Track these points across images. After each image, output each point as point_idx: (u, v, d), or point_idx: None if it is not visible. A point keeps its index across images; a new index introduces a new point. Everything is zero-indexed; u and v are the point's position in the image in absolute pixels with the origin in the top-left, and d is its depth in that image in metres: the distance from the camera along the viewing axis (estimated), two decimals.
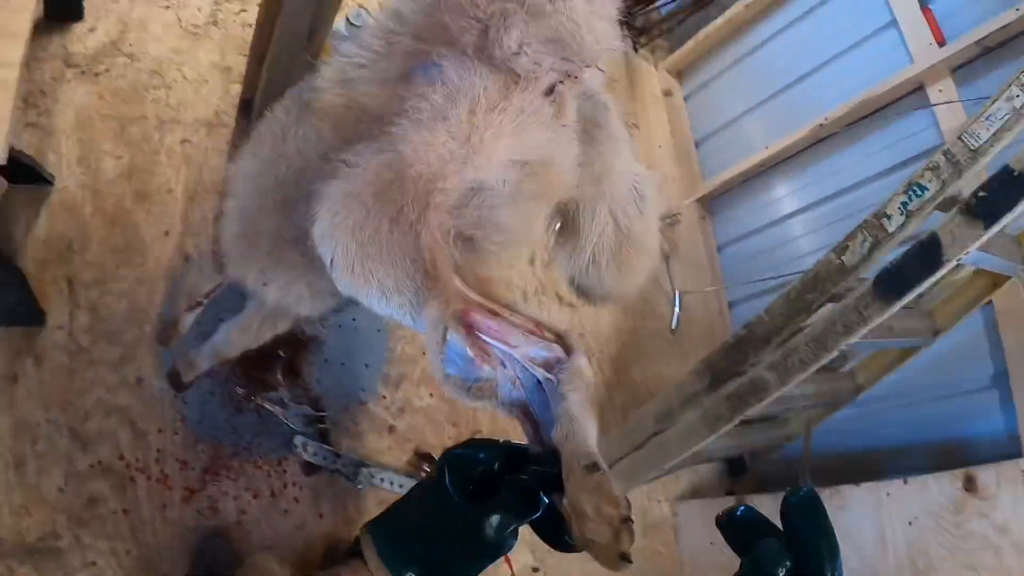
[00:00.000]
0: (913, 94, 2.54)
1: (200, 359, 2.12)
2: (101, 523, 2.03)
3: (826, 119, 2.67)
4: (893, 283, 1.91)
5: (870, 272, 1.98)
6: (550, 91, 1.15)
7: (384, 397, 2.50)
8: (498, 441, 0.97)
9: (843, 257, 2.00)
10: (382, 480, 2.36)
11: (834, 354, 2.03)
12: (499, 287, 1.10)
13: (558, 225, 1.38)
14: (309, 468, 2.29)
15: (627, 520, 0.85)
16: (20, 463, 1.97)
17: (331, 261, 1.04)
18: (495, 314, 0.98)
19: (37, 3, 1.59)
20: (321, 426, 2.33)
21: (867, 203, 2.65)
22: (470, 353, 0.94)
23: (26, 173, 2.12)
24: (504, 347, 0.97)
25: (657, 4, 3.53)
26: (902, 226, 1.91)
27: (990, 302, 2.20)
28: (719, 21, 3.31)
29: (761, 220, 3.02)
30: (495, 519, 0.86)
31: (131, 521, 2.06)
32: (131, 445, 2.12)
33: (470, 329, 0.96)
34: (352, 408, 2.44)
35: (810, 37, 2.86)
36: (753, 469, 2.79)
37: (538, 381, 0.99)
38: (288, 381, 2.33)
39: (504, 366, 0.98)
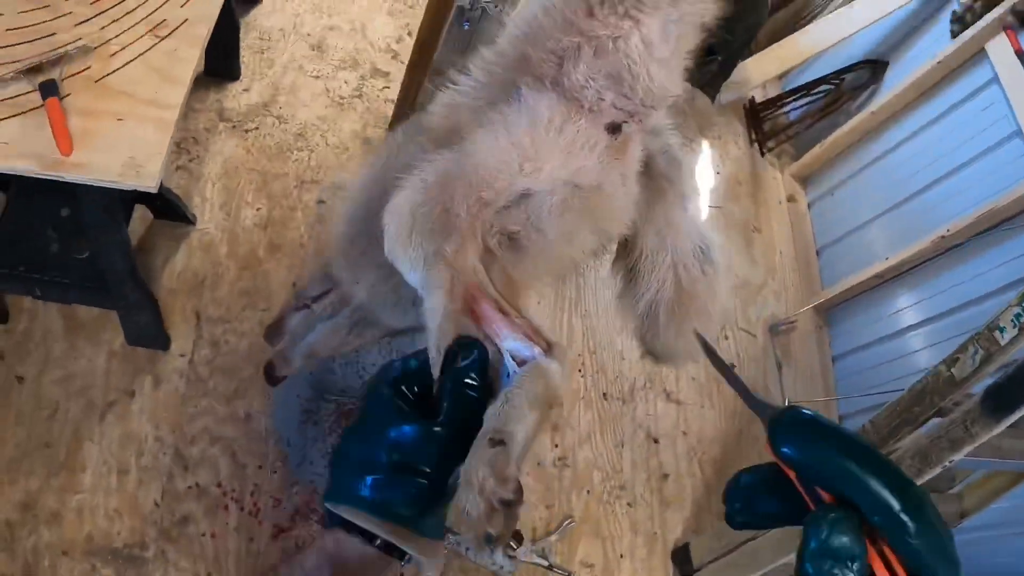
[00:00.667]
0: None
1: (294, 355, 2.19)
2: (188, 542, 2.14)
3: (948, 230, 2.58)
4: (1002, 398, 1.80)
5: (980, 386, 1.90)
6: (613, 128, 1.23)
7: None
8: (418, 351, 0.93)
9: (953, 369, 1.92)
10: (467, 549, 2.37)
11: (938, 470, 1.92)
12: (522, 294, 1.19)
13: (625, 272, 1.43)
14: None
15: (508, 504, 0.80)
16: (123, 471, 2.13)
17: (385, 230, 1.12)
18: (499, 308, 1.05)
19: (200, 57, 1.79)
20: None
21: (980, 322, 2.55)
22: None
23: (171, 211, 2.37)
24: (496, 339, 1.01)
25: (786, 109, 3.61)
26: (1015, 339, 1.83)
27: None
28: (845, 128, 3.30)
29: (879, 332, 2.91)
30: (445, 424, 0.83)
31: (217, 546, 2.17)
32: (230, 475, 2.24)
33: (469, 310, 1.04)
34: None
35: (935, 146, 2.80)
36: None
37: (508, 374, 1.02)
38: None
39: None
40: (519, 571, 2.44)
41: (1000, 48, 2.54)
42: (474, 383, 0.86)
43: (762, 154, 3.66)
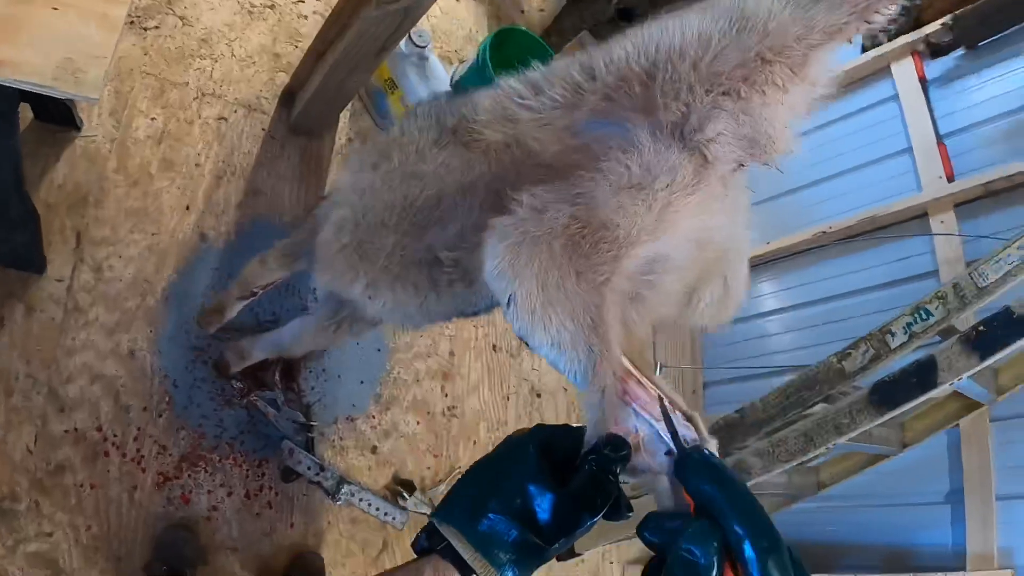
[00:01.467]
0: (915, 220, 2.71)
1: (255, 350, 2.09)
2: (64, 494, 1.93)
3: (830, 227, 2.83)
4: (888, 394, 2.03)
5: (865, 381, 2.12)
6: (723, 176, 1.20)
7: (373, 417, 2.47)
8: (572, 427, 0.96)
9: (844, 363, 2.13)
10: (361, 500, 2.32)
11: (821, 451, 2.14)
12: (644, 354, 1.15)
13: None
14: (288, 475, 2.23)
15: None
16: None
17: (510, 299, 1.02)
18: (644, 387, 0.99)
19: None
20: (308, 435, 2.27)
21: (849, 314, 2.83)
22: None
23: (57, 112, 2.03)
24: (650, 419, 0.97)
25: None
26: (903, 344, 2.05)
27: (957, 424, 2.37)
28: None
29: (747, 311, 3.12)
30: (586, 499, 0.85)
31: (97, 497, 1.97)
32: (111, 418, 2.03)
33: (624, 398, 0.99)
34: (340, 422, 2.40)
35: (828, 147, 3.00)
36: None
37: (666, 453, 1.02)
38: (284, 384, 2.27)
39: (636, 431, 1.02)
40: (409, 522, 2.43)
41: (905, 70, 2.76)
42: (613, 475, 0.87)
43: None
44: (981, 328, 1.91)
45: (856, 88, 2.95)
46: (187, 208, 2.22)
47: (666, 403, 1.01)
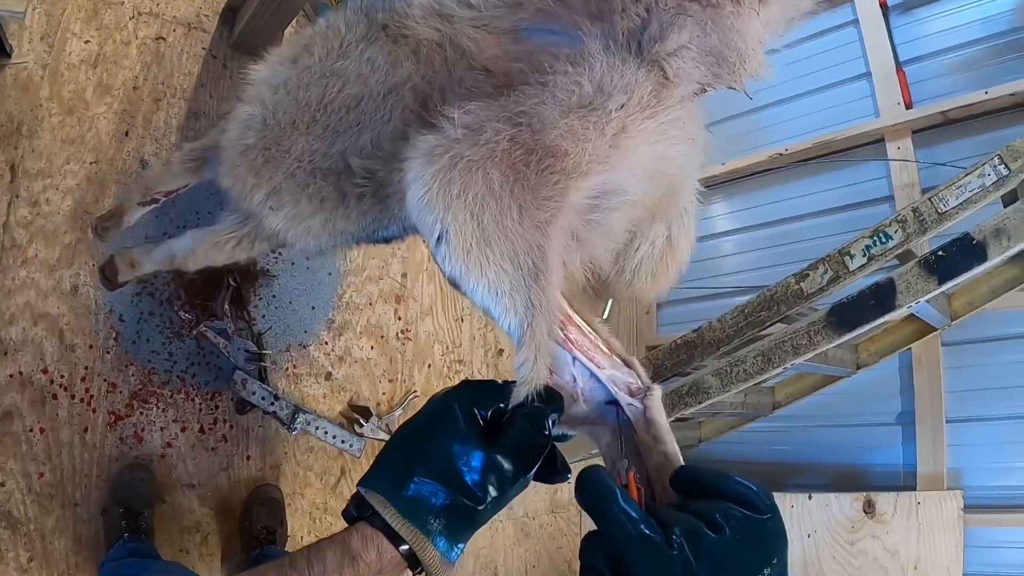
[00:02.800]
0: (872, 145, 2.73)
1: (146, 261, 1.90)
2: (15, 441, 1.86)
3: (787, 149, 2.83)
4: (846, 316, 2.05)
5: (822, 302, 2.14)
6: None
7: (326, 343, 2.42)
8: (499, 383, 0.91)
9: (802, 284, 2.14)
10: (317, 429, 2.28)
11: (779, 370, 2.17)
12: (589, 303, 1.09)
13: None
14: (242, 406, 2.18)
15: None
16: None
17: (440, 235, 0.90)
18: (584, 333, 0.94)
19: None
20: (261, 364, 2.21)
21: (801, 236, 2.85)
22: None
23: None
24: (592, 366, 0.94)
25: None
26: (862, 267, 2.06)
27: (910, 348, 2.42)
28: None
29: (701, 231, 3.08)
30: (518, 455, 0.82)
31: (48, 442, 1.90)
32: (57, 358, 1.94)
33: (565, 346, 0.94)
34: (293, 350, 2.35)
35: (787, 69, 2.95)
36: None
37: (606, 402, 0.96)
38: (234, 312, 2.20)
39: (574, 380, 0.96)
40: (366, 449, 2.42)
41: None
42: (546, 430, 0.85)
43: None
44: (941, 253, 1.93)
45: (816, 11, 2.89)
46: (126, 134, 2.09)
47: (604, 350, 0.97)
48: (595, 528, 0.72)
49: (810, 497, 2.35)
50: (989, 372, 2.37)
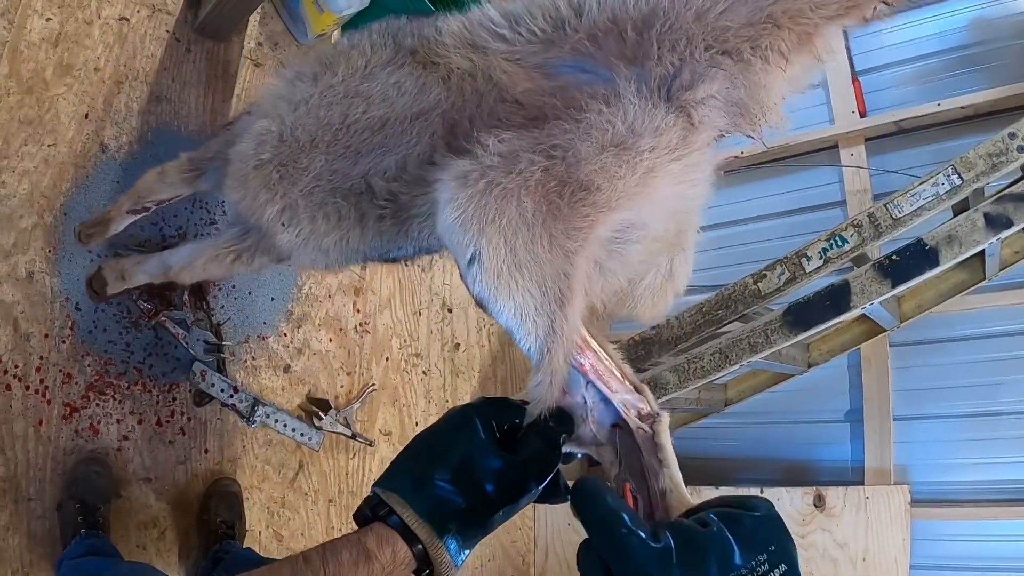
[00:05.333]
0: (826, 151, 2.81)
1: (138, 272, 1.91)
2: None
3: (742, 152, 2.88)
4: (802, 316, 2.13)
5: (778, 303, 2.20)
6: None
7: (285, 335, 2.39)
8: (514, 401, 0.96)
9: (760, 284, 2.21)
10: (276, 422, 2.25)
11: (735, 368, 2.23)
12: (600, 324, 1.10)
13: None
14: (200, 398, 2.14)
15: None
16: None
17: (472, 257, 0.94)
18: (600, 359, 0.98)
19: None
20: (219, 356, 2.17)
21: (756, 238, 2.93)
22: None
23: None
24: (605, 390, 0.97)
25: None
26: (818, 269, 2.14)
27: (859, 348, 2.51)
28: None
29: None
30: (534, 469, 0.87)
31: (0, 435, 1.83)
32: (11, 347, 1.87)
33: (582, 370, 0.97)
34: (252, 341, 2.31)
35: None
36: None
37: (613, 425, 1.00)
38: (193, 303, 2.15)
39: (585, 403, 1.00)
40: (324, 442, 2.39)
41: None
42: (557, 448, 0.90)
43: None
44: (895, 257, 2.01)
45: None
46: (86, 116, 2.02)
47: (618, 375, 1.00)
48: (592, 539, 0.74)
49: (761, 491, 2.42)
50: (935, 372, 2.48)
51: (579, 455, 1.01)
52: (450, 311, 2.88)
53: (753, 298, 2.23)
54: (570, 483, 0.91)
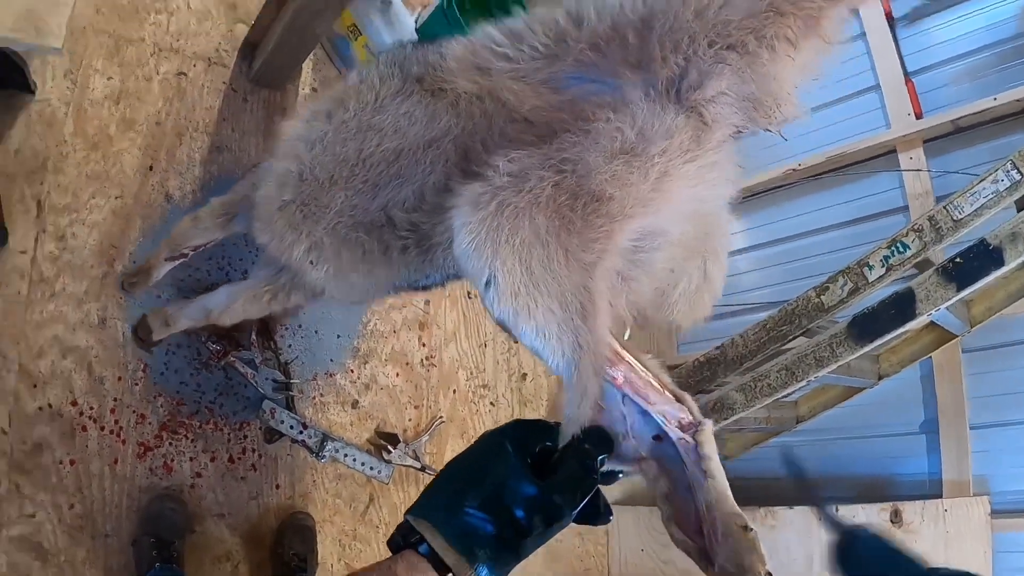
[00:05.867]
0: (884, 156, 2.75)
1: (181, 318, 1.98)
2: (45, 473, 1.88)
3: (800, 165, 2.85)
4: (867, 327, 2.06)
5: (843, 315, 2.15)
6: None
7: (352, 371, 2.44)
8: (549, 422, 0.95)
9: (823, 296, 2.16)
10: (345, 456, 2.30)
11: (803, 383, 2.18)
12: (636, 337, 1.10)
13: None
14: (271, 435, 2.20)
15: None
16: None
17: (488, 279, 0.93)
18: (635, 371, 0.97)
19: None
20: (288, 393, 2.24)
21: (818, 251, 2.87)
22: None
23: (9, 77, 1.91)
24: (642, 402, 0.97)
25: None
26: (881, 277, 2.08)
27: (930, 356, 2.43)
28: None
29: None
30: (567, 493, 0.85)
31: (78, 473, 1.92)
32: (86, 390, 1.96)
33: (616, 384, 0.96)
34: (319, 379, 2.37)
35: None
36: None
37: (655, 437, 0.99)
38: (261, 343, 2.22)
39: (624, 419, 0.99)
40: (394, 475, 2.42)
41: (872, 8, 2.73)
42: (594, 471, 0.88)
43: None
44: (958, 259, 1.94)
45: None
46: (150, 168, 2.13)
47: (656, 385, 0.98)
48: None
49: (837, 509, 2.33)
50: (1010, 377, 2.36)
51: (621, 474, 0.99)
52: (516, 342, 2.88)
53: (817, 312, 2.18)
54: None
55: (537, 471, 0.86)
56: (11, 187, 1.91)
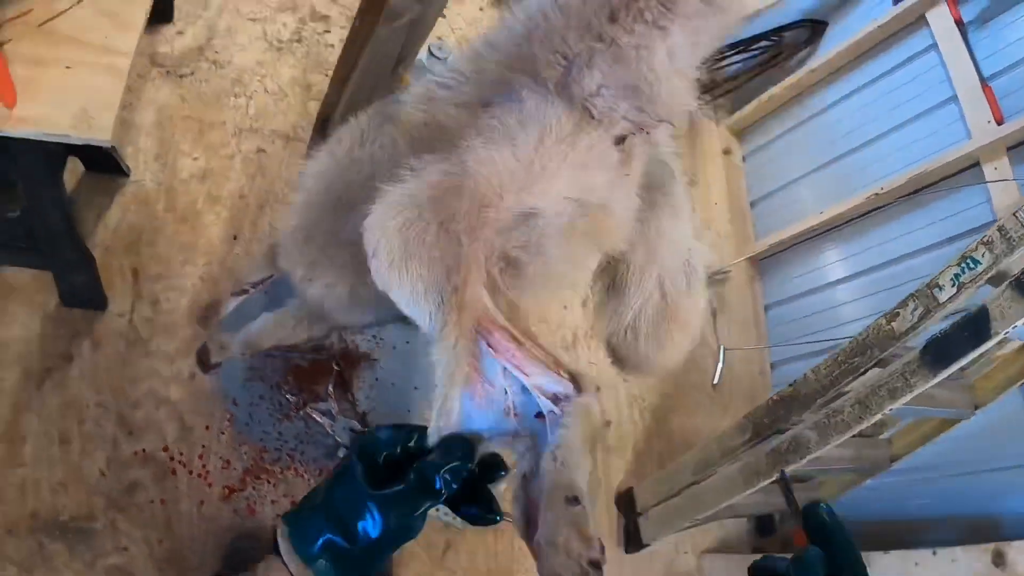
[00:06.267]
0: (968, 170, 2.58)
1: (233, 343, 2.11)
2: (138, 511, 2.07)
3: (882, 189, 2.73)
4: (940, 352, 1.92)
5: (918, 340, 2.01)
6: (620, 140, 1.16)
7: (429, 422, 2.51)
8: (413, 425, 0.97)
9: (893, 323, 2.03)
10: None
11: (877, 418, 2.05)
12: (529, 317, 1.14)
13: (608, 283, 1.40)
14: None
15: (595, 564, 0.85)
16: (65, 441, 2.03)
17: (373, 251, 1.04)
18: (516, 340, 1.01)
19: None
20: None
21: (915, 275, 2.68)
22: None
23: (105, 162, 2.22)
24: (518, 373, 0.99)
25: (724, 64, 3.62)
26: (953, 297, 1.93)
27: None
28: (783, 84, 3.37)
29: (809, 284, 3.07)
30: (399, 505, 0.87)
31: (168, 512, 2.11)
32: (177, 438, 2.17)
33: (493, 353, 1.00)
34: None
35: (871, 107, 2.91)
36: (782, 528, 2.79)
37: (537, 414, 1.02)
38: (338, 394, 2.37)
39: (505, 393, 1.02)
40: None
41: (940, 17, 2.62)
42: (436, 484, 0.87)
43: (698, 107, 3.62)
44: None
45: (892, 43, 2.82)
46: (235, 238, 2.36)
47: (540, 358, 1.01)
48: None
49: (934, 552, 2.15)
50: None
51: (503, 473, 0.98)
52: (598, 389, 2.87)
53: (888, 339, 2.05)
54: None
55: (389, 479, 0.89)
56: (111, 259, 2.20)
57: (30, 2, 1.51)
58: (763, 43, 3.53)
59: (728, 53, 3.62)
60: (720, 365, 3.07)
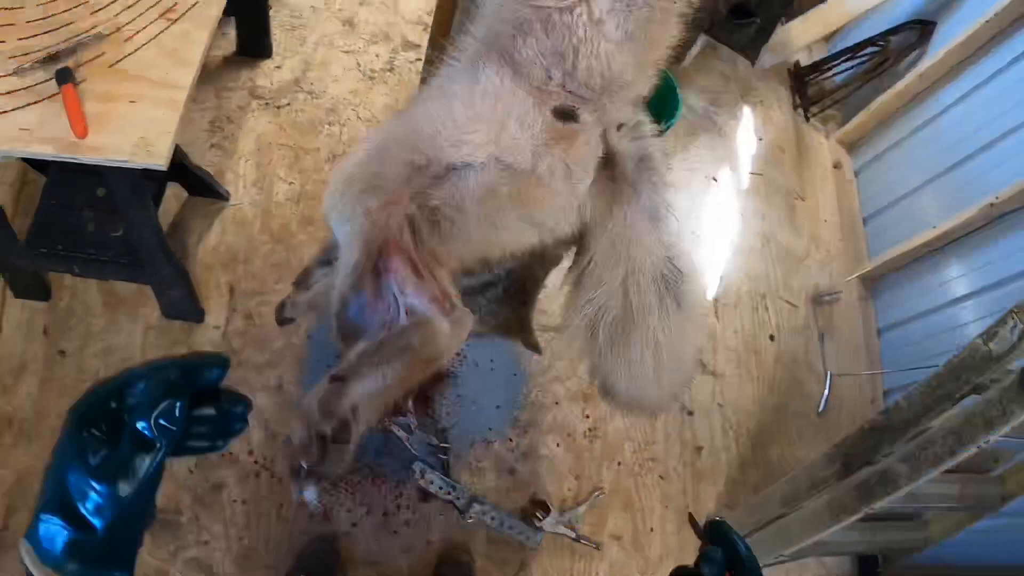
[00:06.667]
0: None
1: (298, 303, 2.23)
2: (221, 508, 2.23)
3: (997, 198, 2.44)
4: None
5: (1020, 362, 1.80)
6: (563, 114, 1.19)
7: (510, 440, 2.55)
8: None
9: (991, 344, 1.83)
10: (492, 519, 2.37)
11: (972, 450, 1.84)
12: (443, 263, 1.21)
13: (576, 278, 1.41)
14: (424, 495, 2.37)
15: (324, 438, 0.97)
16: None
17: (329, 187, 1.21)
18: (414, 267, 1.10)
19: (210, 38, 1.81)
20: (443, 457, 2.41)
21: None
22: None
23: (204, 187, 2.44)
24: (397, 291, 1.09)
25: (831, 72, 3.46)
26: None
27: None
28: (892, 91, 3.14)
29: (927, 304, 2.78)
30: (121, 473, 0.70)
31: (248, 512, 2.24)
32: (262, 443, 2.31)
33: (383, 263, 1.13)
34: (477, 446, 2.51)
35: (984, 110, 2.62)
36: (887, 571, 2.55)
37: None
38: (418, 410, 2.44)
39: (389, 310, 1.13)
40: (545, 542, 2.44)
41: None
42: (151, 435, 0.71)
43: (807, 119, 3.52)
44: None
45: (1003, 39, 2.54)
46: None
47: (436, 293, 1.13)
48: None
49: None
50: None
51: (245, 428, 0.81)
52: (690, 414, 2.78)
53: (985, 362, 1.85)
54: None
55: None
56: (209, 275, 2.40)
57: (104, 46, 1.71)
58: (870, 48, 3.29)
59: (834, 61, 3.44)
60: (826, 392, 2.87)
